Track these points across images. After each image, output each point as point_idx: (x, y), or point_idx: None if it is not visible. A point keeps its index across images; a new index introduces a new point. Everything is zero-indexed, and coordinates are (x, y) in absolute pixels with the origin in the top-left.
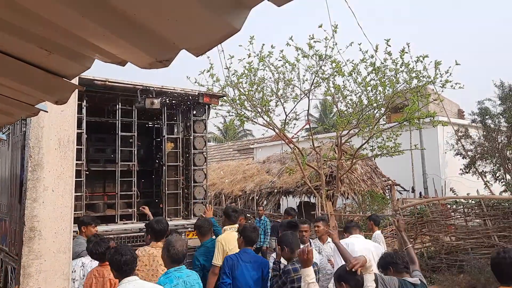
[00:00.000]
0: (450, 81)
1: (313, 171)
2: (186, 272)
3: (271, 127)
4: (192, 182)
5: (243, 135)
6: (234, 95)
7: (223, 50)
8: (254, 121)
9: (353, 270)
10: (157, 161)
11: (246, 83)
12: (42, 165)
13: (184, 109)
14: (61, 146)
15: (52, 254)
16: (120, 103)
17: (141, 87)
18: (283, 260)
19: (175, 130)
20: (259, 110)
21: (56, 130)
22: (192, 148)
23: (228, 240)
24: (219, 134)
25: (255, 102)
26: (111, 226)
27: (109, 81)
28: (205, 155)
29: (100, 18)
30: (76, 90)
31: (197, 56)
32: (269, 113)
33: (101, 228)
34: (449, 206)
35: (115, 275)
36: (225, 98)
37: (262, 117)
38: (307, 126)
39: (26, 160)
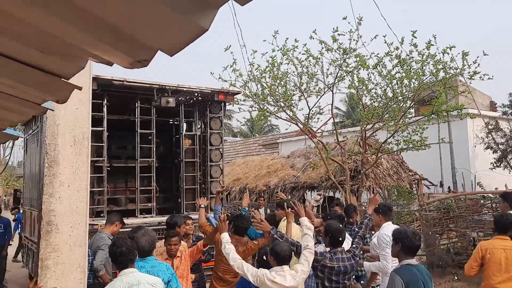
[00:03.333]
0: (478, 72)
1: (338, 166)
2: (152, 263)
3: (294, 122)
4: (209, 177)
5: (269, 130)
6: (257, 90)
7: (244, 45)
8: (277, 116)
9: None
10: (175, 157)
11: (269, 77)
12: (58, 161)
13: (201, 106)
14: (76, 143)
15: (69, 247)
16: (139, 102)
17: (157, 86)
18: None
19: (193, 127)
20: (282, 104)
21: (71, 127)
22: (208, 145)
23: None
24: (245, 129)
25: (277, 97)
26: (131, 220)
27: (126, 81)
28: (221, 151)
29: (78, 23)
30: (90, 89)
31: (171, 56)
32: (292, 107)
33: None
34: (477, 201)
35: (115, 267)
36: (247, 93)
37: (285, 112)
38: (332, 120)
39: (43, 156)
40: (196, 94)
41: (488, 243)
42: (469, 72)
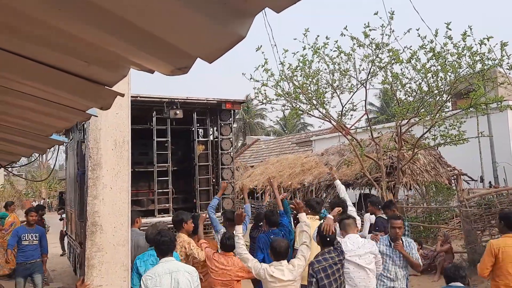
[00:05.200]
0: None
1: (373, 163)
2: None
3: (327, 119)
4: (221, 179)
5: (302, 128)
6: (289, 89)
7: (275, 45)
8: (310, 114)
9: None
10: (192, 161)
11: (300, 75)
12: (100, 164)
13: (212, 114)
14: (117, 146)
15: (112, 246)
16: (155, 112)
17: (167, 99)
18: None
19: (209, 133)
20: (314, 102)
21: (112, 131)
22: (220, 150)
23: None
24: (278, 127)
25: (310, 95)
26: (150, 219)
27: (140, 96)
28: (232, 155)
29: (121, 34)
30: (129, 95)
31: (210, 63)
32: (324, 105)
33: (144, 220)
34: None
35: (157, 254)
36: (279, 92)
37: (318, 110)
38: (365, 117)
39: (86, 160)
40: (204, 104)
41: (499, 242)
42: (508, 63)
